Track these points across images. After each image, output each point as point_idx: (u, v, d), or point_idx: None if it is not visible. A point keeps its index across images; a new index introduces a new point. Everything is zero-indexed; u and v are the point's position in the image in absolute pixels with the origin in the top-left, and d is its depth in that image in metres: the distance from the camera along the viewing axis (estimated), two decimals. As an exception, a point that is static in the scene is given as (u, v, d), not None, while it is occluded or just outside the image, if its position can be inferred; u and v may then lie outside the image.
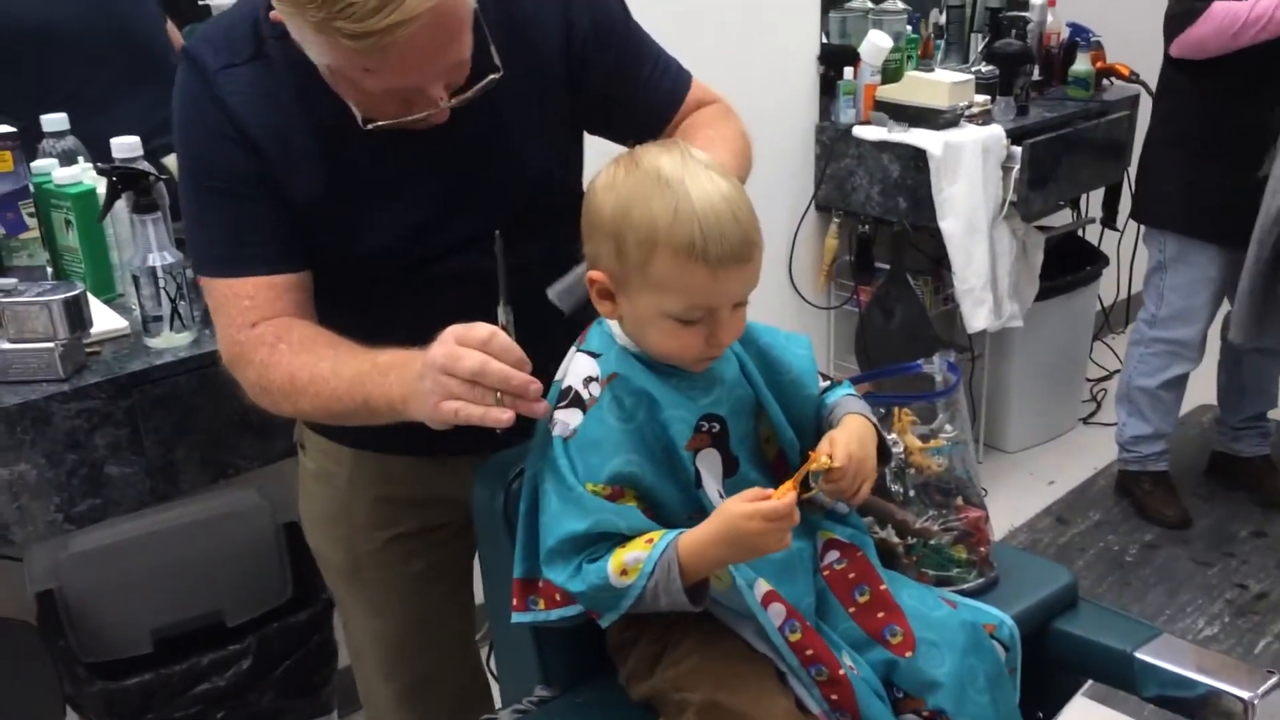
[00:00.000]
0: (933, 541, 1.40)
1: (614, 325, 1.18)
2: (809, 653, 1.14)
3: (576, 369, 1.16)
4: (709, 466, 1.16)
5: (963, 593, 1.35)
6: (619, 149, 1.20)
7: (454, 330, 1.07)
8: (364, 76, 1.11)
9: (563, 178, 1.37)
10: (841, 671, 1.14)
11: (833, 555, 1.25)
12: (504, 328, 1.12)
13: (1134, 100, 3.25)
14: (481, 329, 1.06)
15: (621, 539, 1.11)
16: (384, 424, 1.17)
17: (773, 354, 1.23)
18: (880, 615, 1.20)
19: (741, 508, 1.05)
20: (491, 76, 1.19)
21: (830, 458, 1.13)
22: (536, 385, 1.07)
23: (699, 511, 1.14)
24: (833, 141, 2.91)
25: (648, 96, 1.38)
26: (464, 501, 1.39)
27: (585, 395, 1.13)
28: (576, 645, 1.29)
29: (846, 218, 2.99)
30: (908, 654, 1.18)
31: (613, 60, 1.34)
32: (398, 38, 1.04)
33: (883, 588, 1.22)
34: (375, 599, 1.53)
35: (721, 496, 1.16)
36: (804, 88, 2.96)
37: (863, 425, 1.20)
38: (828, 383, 1.27)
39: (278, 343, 1.21)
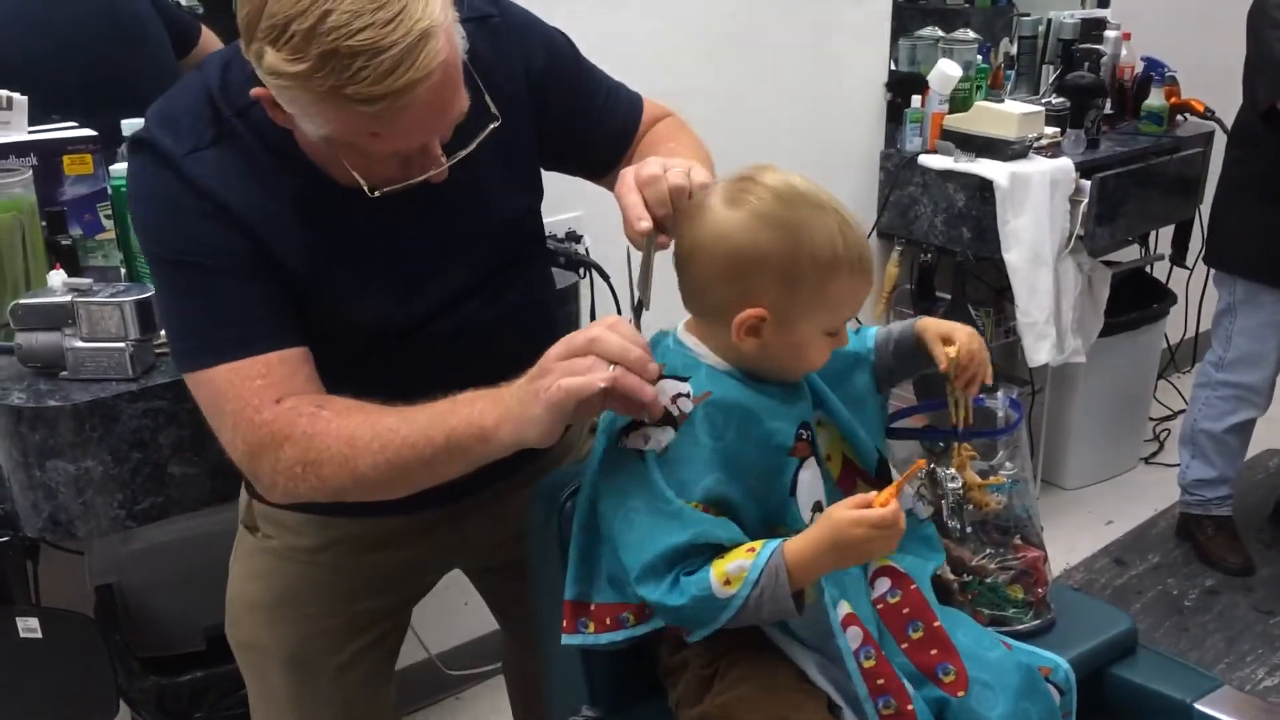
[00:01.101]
0: (989, 580, 1.37)
1: (696, 345, 1.16)
2: (879, 682, 1.13)
3: (663, 389, 1.13)
4: (809, 473, 1.17)
5: (1018, 634, 1.33)
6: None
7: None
8: (370, 142, 1.07)
9: (534, 222, 1.37)
10: (910, 706, 1.13)
11: (884, 585, 1.23)
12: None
13: (1208, 137, 3.19)
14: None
15: (715, 552, 1.10)
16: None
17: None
18: (934, 652, 1.18)
19: (848, 515, 1.06)
20: (493, 125, 1.18)
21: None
22: (655, 366, 1.06)
23: (775, 532, 1.13)
24: (897, 169, 2.89)
25: (606, 123, 1.37)
26: (429, 565, 1.42)
27: (675, 412, 1.12)
28: (624, 667, 1.29)
29: (908, 245, 2.97)
30: (960, 694, 1.16)
31: (570, 94, 1.33)
32: (414, 97, 1.02)
33: (936, 624, 1.20)
34: (316, 686, 1.44)
35: (821, 507, 1.16)
36: (870, 114, 2.95)
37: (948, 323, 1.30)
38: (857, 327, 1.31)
39: (320, 410, 1.13)
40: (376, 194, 1.12)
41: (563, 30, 1.37)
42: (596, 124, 1.37)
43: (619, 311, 2.10)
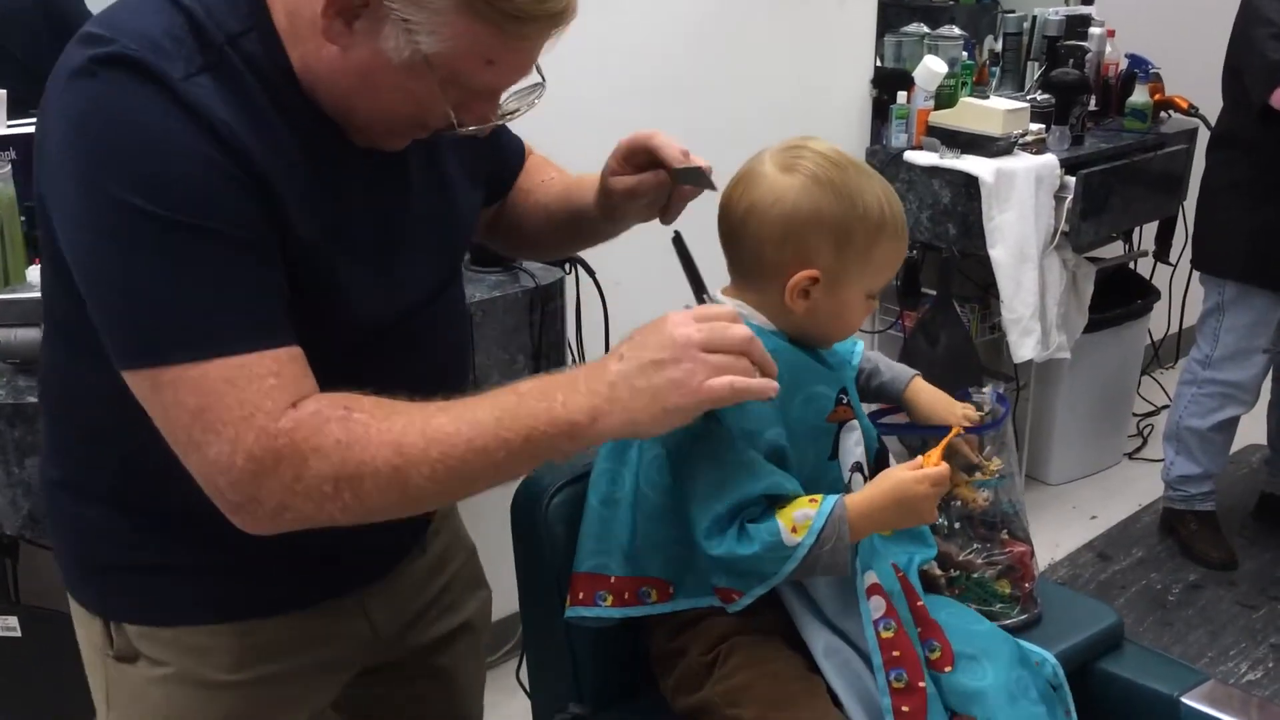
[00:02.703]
0: (976, 575, 1.38)
1: (741, 307, 1.16)
2: (895, 654, 1.14)
3: None
4: (849, 437, 1.19)
5: (1005, 629, 1.33)
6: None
7: (685, 313, 0.98)
8: (479, 71, 0.94)
9: (474, 229, 1.27)
10: (921, 684, 1.13)
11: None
12: None
13: (1192, 134, 3.20)
14: (722, 308, 1.01)
15: (772, 504, 1.10)
16: (293, 567, 1.05)
17: None
18: (918, 630, 1.19)
19: (911, 472, 1.11)
20: (540, 84, 1.05)
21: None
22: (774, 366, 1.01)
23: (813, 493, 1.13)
24: (883, 165, 2.89)
25: (507, 147, 1.34)
26: (356, 650, 1.22)
27: None
28: (611, 663, 1.28)
29: (894, 242, 2.97)
30: (946, 669, 1.17)
31: None
32: (546, 32, 0.94)
33: (920, 603, 1.21)
34: None
35: (861, 468, 1.19)
36: (856, 111, 2.95)
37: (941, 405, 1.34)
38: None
39: (351, 413, 0.92)
40: (463, 131, 0.98)
41: None
42: (503, 144, 1.32)
43: (603, 304, 2.10)
